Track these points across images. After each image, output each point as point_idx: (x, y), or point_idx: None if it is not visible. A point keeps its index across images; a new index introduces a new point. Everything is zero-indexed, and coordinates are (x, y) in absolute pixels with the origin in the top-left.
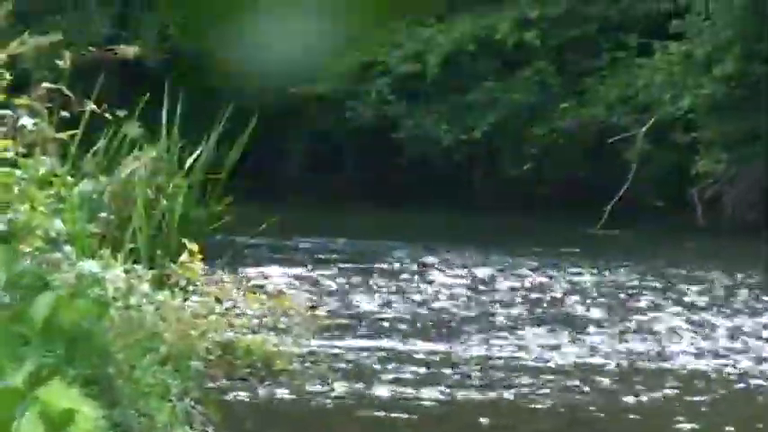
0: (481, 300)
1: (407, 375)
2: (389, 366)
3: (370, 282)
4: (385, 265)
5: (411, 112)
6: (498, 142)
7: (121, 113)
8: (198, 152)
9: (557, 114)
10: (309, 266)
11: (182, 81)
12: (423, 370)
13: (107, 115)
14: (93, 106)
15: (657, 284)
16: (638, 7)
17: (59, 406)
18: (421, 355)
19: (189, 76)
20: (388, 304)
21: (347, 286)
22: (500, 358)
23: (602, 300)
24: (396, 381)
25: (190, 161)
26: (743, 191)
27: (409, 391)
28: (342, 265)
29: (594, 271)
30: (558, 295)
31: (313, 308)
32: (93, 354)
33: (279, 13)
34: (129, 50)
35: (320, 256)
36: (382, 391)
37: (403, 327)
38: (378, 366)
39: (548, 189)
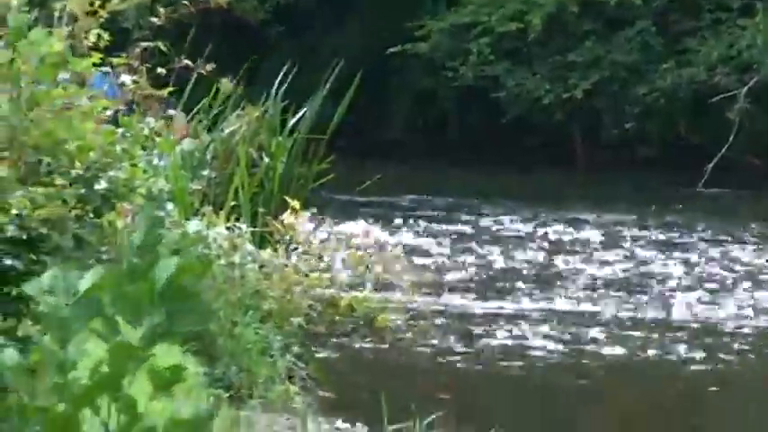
0: (584, 259)
1: (509, 332)
2: (491, 323)
3: (469, 242)
4: (482, 225)
5: (512, 72)
6: (599, 102)
7: (209, 67)
8: (301, 113)
9: (658, 74)
10: (409, 224)
11: (284, 40)
12: (521, 326)
13: (203, 72)
14: (189, 62)
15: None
16: None
17: (167, 363)
18: (518, 312)
19: (291, 35)
20: (486, 265)
21: (446, 245)
22: (607, 315)
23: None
24: (498, 336)
25: (293, 121)
26: None
27: (510, 346)
28: (439, 225)
29: (700, 228)
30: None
31: (414, 265)
32: (196, 311)
33: None
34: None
35: (421, 213)
36: (484, 347)
37: (500, 285)
38: (478, 323)
39: (649, 149)
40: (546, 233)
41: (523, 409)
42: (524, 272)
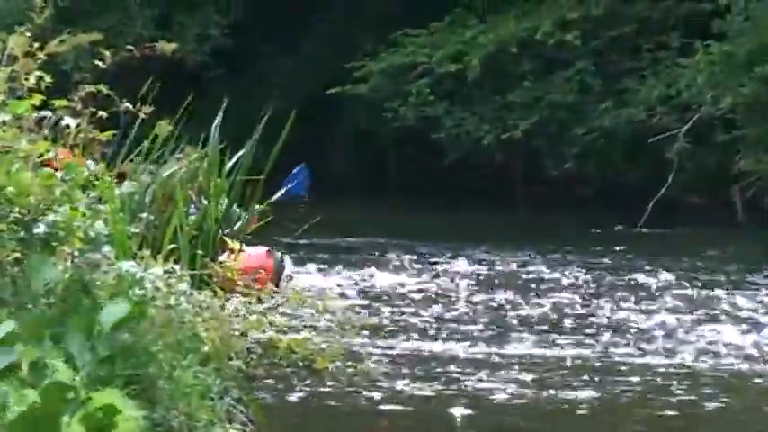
0: (529, 301)
1: (448, 375)
2: (429, 366)
3: (411, 282)
4: (426, 265)
5: (451, 112)
6: (539, 142)
7: (147, 110)
8: (238, 154)
9: (597, 114)
10: (350, 266)
11: (221, 82)
12: (466, 369)
13: (143, 115)
14: (129, 106)
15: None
16: (679, 7)
17: (102, 405)
18: (463, 355)
19: (229, 77)
20: (428, 305)
21: (387, 286)
22: (547, 357)
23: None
24: (437, 379)
25: (230, 163)
26: None
27: (450, 390)
28: (381, 266)
29: (645, 267)
30: (603, 294)
31: (353, 307)
32: (135, 354)
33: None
34: (168, 47)
35: (363, 256)
36: (424, 391)
37: (446, 327)
38: (417, 366)
39: (589, 188)
40: (489, 272)
41: None
42: (469, 312)
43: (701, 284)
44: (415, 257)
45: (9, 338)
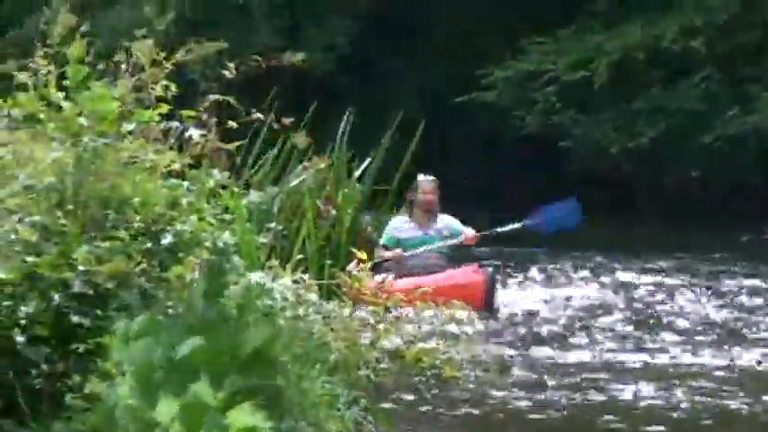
0: (680, 308)
1: (580, 382)
2: (559, 372)
3: (541, 288)
4: (550, 272)
5: (577, 120)
6: (664, 150)
7: (287, 122)
8: (366, 162)
9: (723, 121)
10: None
11: (348, 92)
12: (594, 376)
13: (275, 125)
14: (260, 116)
15: None
16: None
17: (241, 423)
18: (593, 362)
19: (355, 86)
20: (554, 309)
21: (516, 291)
22: (699, 364)
23: None
24: (567, 387)
25: (358, 171)
26: None
27: (580, 397)
28: (511, 270)
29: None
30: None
31: (483, 313)
32: (264, 365)
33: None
34: (294, 57)
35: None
36: (555, 397)
37: (569, 333)
38: (547, 373)
39: (715, 197)
40: (630, 281)
41: None
42: (607, 322)
43: None
44: (550, 266)
45: (190, 357)
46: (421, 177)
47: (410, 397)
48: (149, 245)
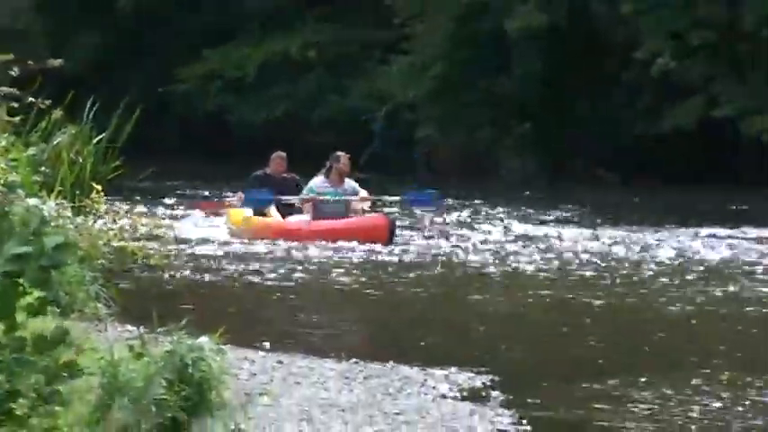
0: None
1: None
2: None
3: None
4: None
5: None
6: None
7: (47, 103)
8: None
9: None
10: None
11: (94, 83)
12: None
13: (42, 106)
14: (33, 99)
15: None
16: None
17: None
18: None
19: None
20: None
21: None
22: None
23: None
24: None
25: (99, 137)
26: None
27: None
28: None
29: None
30: None
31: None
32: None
33: None
34: (56, 62)
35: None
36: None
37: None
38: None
39: None
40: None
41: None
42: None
43: None
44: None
45: None
46: (340, 152)
47: (130, 277)
48: None
